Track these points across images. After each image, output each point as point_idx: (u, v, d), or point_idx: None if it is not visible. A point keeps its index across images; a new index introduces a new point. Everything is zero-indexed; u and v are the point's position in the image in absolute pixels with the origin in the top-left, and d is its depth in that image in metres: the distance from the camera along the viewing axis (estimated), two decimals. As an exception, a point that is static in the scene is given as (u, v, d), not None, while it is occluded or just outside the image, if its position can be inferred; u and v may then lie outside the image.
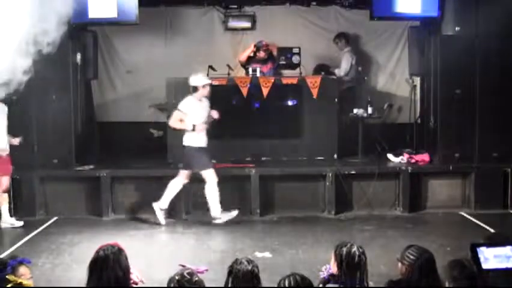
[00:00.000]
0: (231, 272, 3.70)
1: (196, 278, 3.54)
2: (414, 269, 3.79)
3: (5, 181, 8.32)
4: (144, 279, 4.12)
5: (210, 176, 8.27)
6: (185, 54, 10.51)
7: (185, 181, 8.41)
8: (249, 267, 3.66)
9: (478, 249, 3.19)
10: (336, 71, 10.34)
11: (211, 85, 8.39)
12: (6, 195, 8.39)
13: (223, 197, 8.83)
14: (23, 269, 3.98)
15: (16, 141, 8.33)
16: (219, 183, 8.27)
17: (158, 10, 10.54)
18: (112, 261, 3.78)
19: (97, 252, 3.85)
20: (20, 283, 3.80)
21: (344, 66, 10.46)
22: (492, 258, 3.19)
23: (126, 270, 3.86)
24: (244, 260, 3.75)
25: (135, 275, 4.04)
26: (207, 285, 3.67)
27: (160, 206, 8.33)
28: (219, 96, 9.56)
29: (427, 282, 3.74)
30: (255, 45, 10.33)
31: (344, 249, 3.90)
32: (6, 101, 7.79)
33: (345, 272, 3.85)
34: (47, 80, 8.53)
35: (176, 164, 9.07)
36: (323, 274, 4.10)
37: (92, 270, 3.80)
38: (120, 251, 3.87)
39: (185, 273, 3.54)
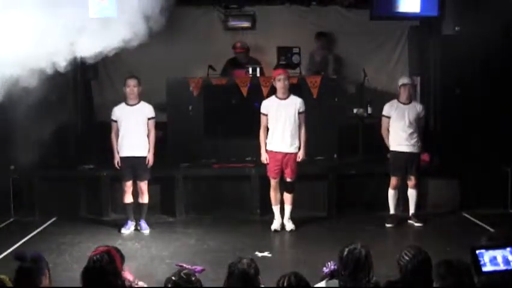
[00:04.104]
0: (230, 270, 3.71)
1: (193, 278, 3.53)
2: (407, 269, 3.78)
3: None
4: (144, 279, 4.11)
5: None
6: (185, 54, 10.49)
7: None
8: (246, 267, 3.66)
9: (477, 252, 3.18)
10: None
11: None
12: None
13: (223, 196, 8.86)
14: None
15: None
16: (219, 183, 8.20)
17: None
18: (102, 276, 3.70)
19: (86, 266, 3.78)
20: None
21: None
22: (492, 260, 3.18)
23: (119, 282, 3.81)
24: (245, 260, 3.75)
25: (127, 280, 3.99)
26: (207, 285, 3.67)
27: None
28: (219, 95, 9.58)
29: (421, 284, 3.73)
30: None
31: (349, 250, 3.85)
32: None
33: (349, 273, 3.82)
34: (47, 80, 8.52)
35: (179, 163, 9.10)
36: (326, 270, 4.08)
37: (84, 284, 3.73)
38: (109, 260, 3.79)
39: (182, 274, 3.53)
